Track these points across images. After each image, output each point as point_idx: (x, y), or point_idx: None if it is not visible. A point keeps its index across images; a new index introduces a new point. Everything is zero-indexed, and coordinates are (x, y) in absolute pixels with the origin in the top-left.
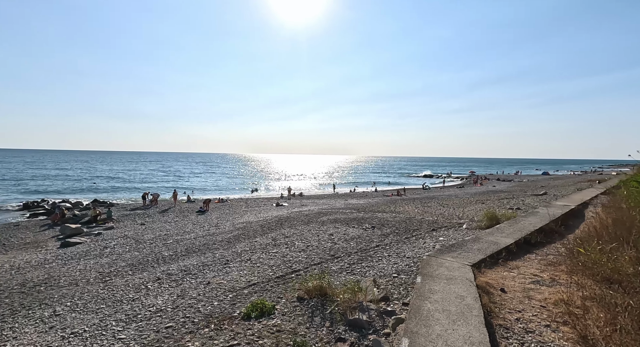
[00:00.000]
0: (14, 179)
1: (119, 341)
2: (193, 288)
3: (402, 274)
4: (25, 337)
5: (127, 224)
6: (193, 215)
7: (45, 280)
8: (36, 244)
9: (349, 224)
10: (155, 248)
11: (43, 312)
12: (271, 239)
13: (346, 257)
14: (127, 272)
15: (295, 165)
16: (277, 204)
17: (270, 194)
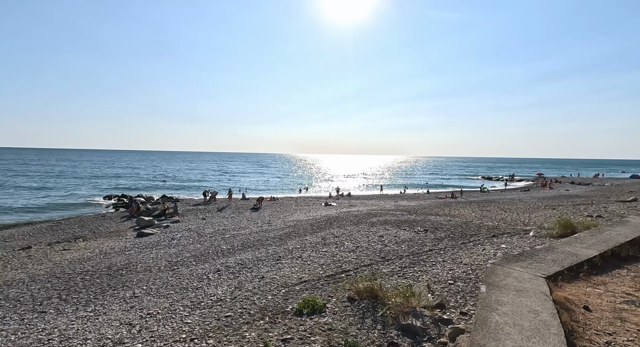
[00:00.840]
0: (98, 176)
1: (186, 324)
2: (249, 281)
3: (459, 281)
4: (112, 313)
5: (190, 218)
6: (247, 212)
7: (125, 265)
8: (118, 233)
9: (400, 226)
10: (214, 241)
11: (125, 293)
12: (321, 238)
13: (397, 260)
14: (191, 262)
15: (343, 165)
16: (326, 203)
17: (319, 194)
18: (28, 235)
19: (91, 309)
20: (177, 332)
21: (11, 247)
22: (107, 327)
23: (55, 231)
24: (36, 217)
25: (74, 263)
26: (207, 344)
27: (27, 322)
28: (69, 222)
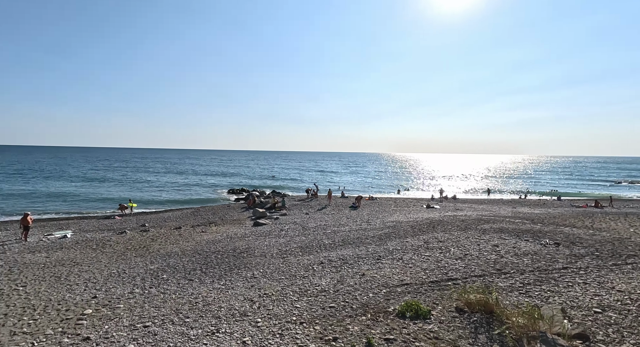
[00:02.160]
0: (223, 173)
1: (295, 308)
2: (350, 277)
3: (609, 310)
4: (237, 290)
5: (295, 212)
6: (347, 210)
7: (246, 249)
8: (239, 222)
9: (520, 236)
10: (317, 236)
11: (246, 274)
12: (423, 241)
13: (517, 275)
14: (297, 252)
15: (447, 166)
16: (428, 205)
17: (420, 195)
18: (178, 218)
19: (223, 283)
20: (289, 314)
21: (168, 226)
22: (235, 300)
23: (196, 216)
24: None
25: (209, 243)
26: (314, 330)
27: (182, 286)
28: (205, 210)
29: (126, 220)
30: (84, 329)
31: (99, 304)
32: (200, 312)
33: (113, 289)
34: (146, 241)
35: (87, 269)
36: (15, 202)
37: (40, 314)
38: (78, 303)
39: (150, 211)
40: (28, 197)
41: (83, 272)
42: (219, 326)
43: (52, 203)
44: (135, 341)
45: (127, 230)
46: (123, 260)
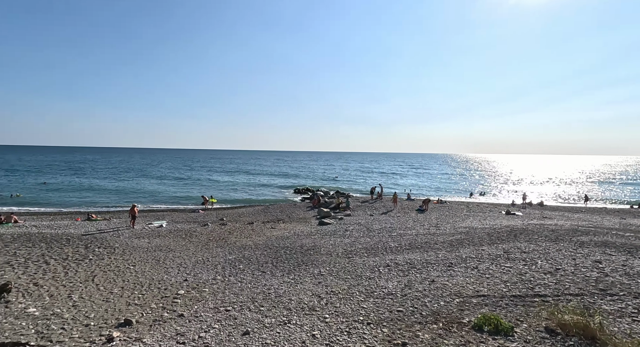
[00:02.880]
0: (287, 173)
1: (362, 308)
2: (418, 282)
3: None
4: (305, 285)
5: (359, 213)
6: (413, 213)
7: (312, 247)
8: (305, 220)
9: (634, 253)
10: (382, 238)
11: (314, 270)
12: (502, 250)
13: (629, 299)
14: (363, 253)
15: (527, 168)
16: (508, 212)
17: (497, 200)
18: (250, 214)
19: (292, 277)
20: (355, 313)
21: (242, 221)
22: (303, 295)
23: (266, 213)
24: (253, 203)
25: (279, 239)
26: (382, 332)
27: (256, 277)
28: (273, 207)
29: (208, 214)
30: (179, 306)
31: (189, 286)
32: (273, 302)
33: (199, 274)
34: (224, 234)
35: (179, 255)
36: (122, 196)
37: (146, 290)
38: (173, 284)
39: (227, 207)
40: (128, 192)
41: (176, 258)
42: (290, 317)
43: (146, 198)
44: (219, 322)
45: (209, 223)
46: (206, 249)
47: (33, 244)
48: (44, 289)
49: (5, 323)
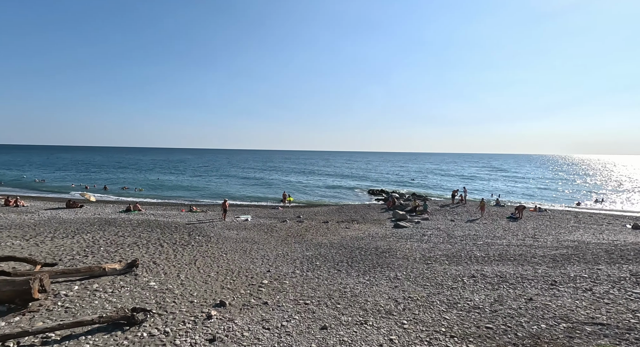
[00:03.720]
0: (360, 174)
1: (444, 319)
2: (511, 299)
3: None
4: (381, 287)
5: (438, 218)
6: (503, 220)
7: (387, 250)
8: (379, 222)
9: None
10: (466, 246)
11: (389, 274)
12: (628, 272)
13: None
14: (443, 260)
15: None
16: (635, 226)
17: (617, 209)
18: (325, 213)
19: (367, 279)
20: (436, 323)
21: (318, 220)
22: (379, 297)
23: (340, 213)
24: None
25: (353, 240)
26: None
27: (332, 275)
28: (347, 208)
29: (286, 211)
30: (263, 295)
31: (271, 277)
32: (349, 301)
33: (280, 267)
34: (301, 231)
35: (262, 248)
36: (215, 192)
37: (236, 276)
38: (258, 273)
39: (303, 206)
40: (219, 188)
41: (260, 250)
42: (366, 318)
43: (233, 194)
44: (299, 314)
45: (287, 219)
46: (286, 244)
47: (152, 229)
48: (160, 267)
49: (134, 291)
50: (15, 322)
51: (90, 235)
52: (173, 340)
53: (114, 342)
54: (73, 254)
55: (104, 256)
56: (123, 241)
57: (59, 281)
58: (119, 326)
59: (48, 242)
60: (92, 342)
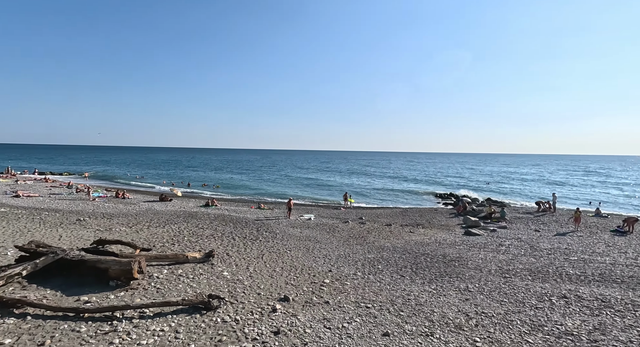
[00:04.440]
0: (427, 175)
1: (526, 342)
2: (618, 329)
3: None
4: (449, 298)
5: (519, 227)
6: (606, 234)
7: (457, 258)
8: (447, 228)
9: None
10: (554, 260)
11: (459, 284)
12: None
13: None
14: (525, 275)
15: None
16: None
17: None
18: (388, 216)
19: (434, 287)
20: (517, 346)
21: (380, 222)
22: (447, 309)
23: (404, 216)
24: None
25: (418, 245)
26: None
27: (394, 280)
28: (412, 211)
29: (348, 212)
30: (325, 294)
31: (333, 277)
32: (413, 309)
33: (342, 267)
34: (363, 232)
35: (324, 247)
36: (281, 190)
37: (299, 273)
38: (320, 272)
39: (365, 207)
40: (285, 187)
41: (322, 249)
42: (432, 330)
43: (297, 192)
44: (360, 317)
45: (349, 220)
46: (347, 245)
47: (226, 223)
48: (232, 259)
49: (211, 279)
50: (120, 296)
51: (176, 226)
52: (242, 328)
53: (193, 324)
54: (163, 242)
55: (187, 245)
56: (202, 233)
57: (152, 264)
58: (197, 309)
59: (145, 230)
60: (176, 321)
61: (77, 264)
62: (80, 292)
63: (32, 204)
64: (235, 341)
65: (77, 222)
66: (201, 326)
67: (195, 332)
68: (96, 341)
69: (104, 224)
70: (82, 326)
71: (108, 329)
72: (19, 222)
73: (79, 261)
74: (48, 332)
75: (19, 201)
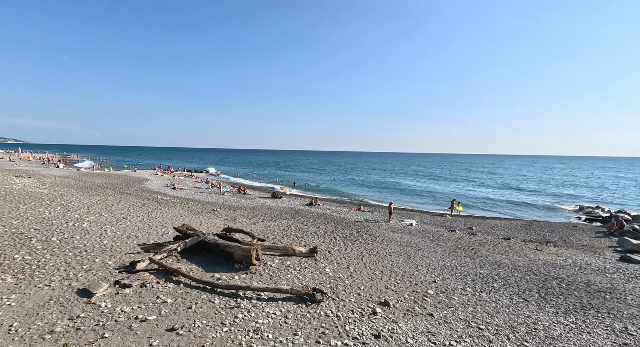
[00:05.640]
0: (564, 183)
1: None
2: None
3: None
4: (595, 338)
5: None
6: None
7: (608, 289)
8: (592, 249)
9: None
10: None
11: (613, 323)
12: None
13: None
14: None
15: None
16: None
17: None
18: (506, 228)
19: (572, 320)
20: None
21: (495, 234)
22: None
23: (528, 230)
24: (511, 215)
25: (547, 266)
26: None
27: (515, 303)
28: (539, 224)
29: (455, 220)
30: (428, 305)
31: (437, 289)
32: (543, 343)
33: (447, 280)
34: (474, 244)
35: (427, 256)
36: (383, 193)
37: (400, 280)
38: (422, 282)
39: (475, 216)
40: (389, 189)
41: (424, 257)
42: None
43: (399, 196)
44: (471, 338)
45: (456, 229)
46: (454, 256)
47: (327, 222)
48: (334, 257)
49: (314, 274)
50: (242, 278)
51: (285, 221)
52: (343, 325)
53: (300, 313)
54: (275, 234)
55: (294, 240)
56: (306, 229)
57: (266, 253)
58: (303, 300)
59: (260, 222)
60: (285, 308)
61: (211, 247)
62: (214, 270)
63: (183, 195)
64: (337, 336)
65: (212, 212)
66: (306, 316)
67: (302, 320)
68: (225, 313)
69: (230, 215)
70: (216, 298)
71: (234, 304)
72: (175, 208)
73: (213, 244)
74: (194, 299)
75: (175, 192)
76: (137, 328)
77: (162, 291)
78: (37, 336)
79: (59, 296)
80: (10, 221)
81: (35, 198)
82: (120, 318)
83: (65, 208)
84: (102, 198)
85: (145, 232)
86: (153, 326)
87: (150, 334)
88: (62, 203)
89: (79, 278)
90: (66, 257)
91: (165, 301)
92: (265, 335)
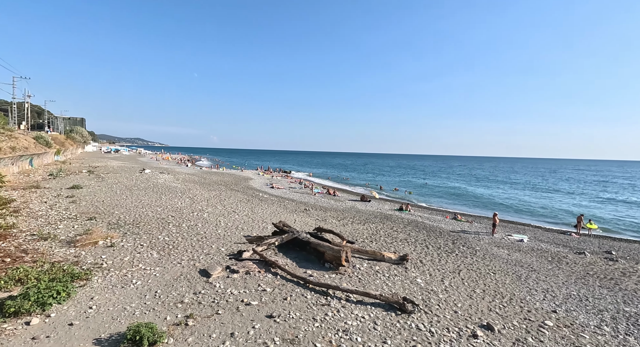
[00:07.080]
0: None
1: None
2: None
3: None
4: None
5: None
6: None
7: None
8: None
9: None
10: None
11: None
12: None
13: None
14: None
15: None
16: None
17: None
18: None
19: None
20: None
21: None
22: None
23: None
24: None
25: None
26: None
27: None
28: None
29: (585, 240)
30: (546, 339)
31: (559, 320)
32: None
33: (574, 312)
34: (614, 273)
35: (544, 279)
36: (486, 202)
37: (507, 302)
38: (538, 309)
39: (615, 238)
40: (493, 199)
41: (540, 281)
42: None
43: (507, 207)
44: None
45: (586, 252)
46: (583, 284)
47: (419, 230)
48: (425, 267)
49: (404, 283)
50: (332, 277)
51: (374, 225)
52: (437, 343)
53: (389, 321)
54: (363, 238)
55: (382, 245)
56: (396, 236)
57: (355, 256)
58: (392, 308)
59: (349, 225)
60: (374, 313)
61: (304, 244)
62: (306, 266)
63: (280, 194)
64: None
65: (304, 211)
66: (396, 325)
67: (391, 329)
68: (316, 309)
69: (320, 215)
70: (308, 294)
71: (324, 302)
72: (273, 206)
73: (305, 242)
74: (289, 291)
75: (273, 190)
76: (242, 310)
77: (262, 279)
78: (172, 304)
79: (186, 273)
80: (156, 208)
81: (172, 191)
82: (230, 299)
83: (192, 200)
84: (217, 193)
85: (249, 225)
86: (255, 311)
87: (253, 317)
88: (190, 196)
89: (200, 260)
90: (192, 241)
91: (265, 290)
92: (354, 337)
